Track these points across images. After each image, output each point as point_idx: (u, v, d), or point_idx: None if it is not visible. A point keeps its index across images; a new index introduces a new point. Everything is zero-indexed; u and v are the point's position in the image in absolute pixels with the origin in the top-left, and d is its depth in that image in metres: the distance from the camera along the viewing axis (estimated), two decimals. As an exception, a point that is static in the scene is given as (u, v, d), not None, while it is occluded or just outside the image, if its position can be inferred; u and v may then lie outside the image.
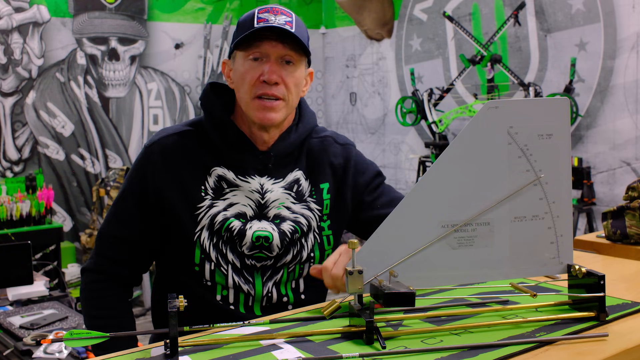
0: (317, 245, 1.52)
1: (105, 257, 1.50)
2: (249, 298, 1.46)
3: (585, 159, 4.18)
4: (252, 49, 1.41)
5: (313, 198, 1.52)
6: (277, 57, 1.41)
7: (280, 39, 1.40)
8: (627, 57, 3.98)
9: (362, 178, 1.58)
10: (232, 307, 1.45)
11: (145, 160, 1.47)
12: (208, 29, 5.68)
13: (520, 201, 1.16)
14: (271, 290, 1.47)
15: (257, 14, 1.41)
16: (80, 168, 5.11)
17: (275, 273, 1.48)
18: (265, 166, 1.48)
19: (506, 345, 1.04)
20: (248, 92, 1.43)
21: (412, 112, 4.92)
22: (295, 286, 1.51)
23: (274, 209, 1.47)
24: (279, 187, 1.48)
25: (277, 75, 1.41)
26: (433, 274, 1.15)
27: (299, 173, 1.52)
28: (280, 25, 1.39)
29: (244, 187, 1.46)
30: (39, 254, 4.39)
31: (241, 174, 1.47)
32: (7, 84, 4.76)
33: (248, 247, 1.44)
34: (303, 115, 1.55)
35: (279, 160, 1.49)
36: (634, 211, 1.81)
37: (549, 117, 1.16)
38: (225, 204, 1.45)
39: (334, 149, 1.57)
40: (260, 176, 1.48)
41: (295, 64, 1.44)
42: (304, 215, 1.49)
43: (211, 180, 1.46)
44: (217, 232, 1.43)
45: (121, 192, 1.51)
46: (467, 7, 4.92)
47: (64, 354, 2.31)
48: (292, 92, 1.44)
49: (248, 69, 1.42)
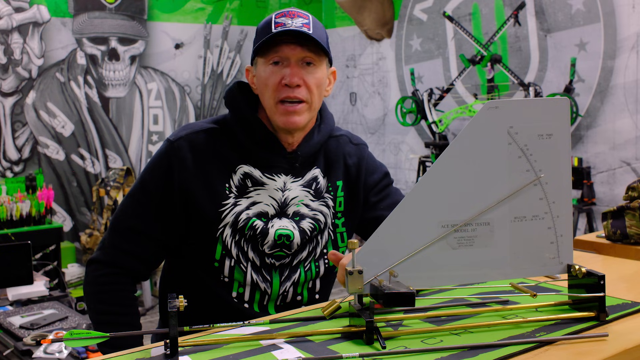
0: (330, 242, 1.54)
1: (118, 249, 1.47)
2: (264, 296, 1.48)
3: (585, 159, 4.18)
4: (272, 53, 1.43)
5: (330, 194, 1.55)
6: (297, 59, 1.43)
7: (298, 42, 1.42)
8: (627, 57, 3.98)
9: (372, 178, 1.60)
10: (247, 305, 1.47)
11: (172, 155, 1.46)
12: (208, 29, 5.68)
13: (520, 201, 1.16)
14: (288, 290, 1.49)
15: (274, 19, 1.43)
16: (80, 168, 5.11)
17: (292, 272, 1.50)
18: (292, 165, 1.50)
19: (506, 345, 1.04)
20: (271, 96, 1.44)
21: (412, 112, 4.92)
22: (312, 286, 1.53)
23: (293, 206, 1.49)
24: (298, 185, 1.50)
25: (299, 78, 1.42)
26: (433, 274, 1.15)
27: (317, 171, 1.54)
28: (297, 28, 1.40)
29: (269, 185, 1.48)
30: (39, 254, 4.39)
31: (268, 172, 1.48)
32: (7, 84, 4.76)
33: (270, 246, 1.46)
34: (324, 117, 1.58)
35: (303, 161, 1.52)
36: (634, 211, 1.80)
37: (549, 117, 1.16)
38: (248, 203, 1.46)
39: (349, 149, 1.60)
40: (286, 175, 1.50)
41: (316, 65, 1.45)
42: (322, 212, 1.52)
43: (236, 178, 1.47)
44: (240, 230, 1.45)
45: (140, 184, 1.48)
46: (467, 7, 4.92)
47: (64, 354, 2.31)
48: (315, 93, 1.46)
49: (269, 74, 1.44)
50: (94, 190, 4.82)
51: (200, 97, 5.67)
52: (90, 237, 4.64)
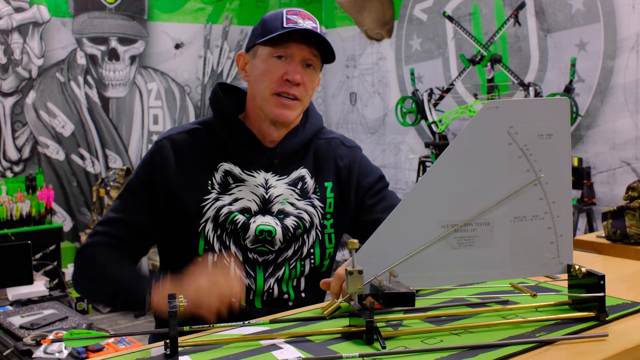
0: (318, 242, 1.54)
1: (107, 235, 1.50)
2: (249, 291, 1.48)
3: (585, 159, 4.18)
4: (278, 47, 1.46)
5: (317, 195, 1.55)
6: (301, 59, 1.47)
7: (306, 43, 1.46)
8: (627, 57, 3.98)
9: (366, 181, 1.61)
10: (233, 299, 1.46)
11: (156, 154, 1.52)
12: (208, 29, 5.68)
13: (520, 201, 1.16)
14: (272, 287, 1.50)
15: (285, 15, 1.46)
16: (80, 168, 5.11)
17: (277, 269, 1.50)
18: (271, 162, 1.52)
19: (506, 345, 1.04)
20: (268, 87, 1.47)
21: (412, 112, 4.92)
22: (297, 284, 1.53)
23: (277, 204, 1.50)
24: (283, 184, 1.52)
25: (300, 76, 1.46)
26: (433, 274, 1.15)
27: (304, 171, 1.55)
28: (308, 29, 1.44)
29: (249, 181, 1.50)
30: (39, 254, 4.39)
31: (247, 169, 1.51)
32: (7, 84, 4.76)
33: (251, 241, 1.47)
34: (310, 117, 1.60)
35: (284, 158, 1.54)
36: (634, 211, 1.80)
37: (549, 117, 1.16)
38: (230, 199, 1.49)
39: (341, 151, 1.62)
40: (266, 172, 1.52)
41: (315, 68, 1.51)
42: (307, 212, 1.53)
43: (218, 175, 1.50)
44: (221, 224, 1.47)
45: (130, 182, 1.54)
46: (467, 7, 4.92)
47: (64, 354, 2.31)
48: (308, 94, 1.51)
49: (271, 66, 1.47)
50: (94, 190, 4.83)
51: (200, 97, 5.67)
52: (90, 237, 4.64)
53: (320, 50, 1.49)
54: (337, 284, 1.24)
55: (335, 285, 1.24)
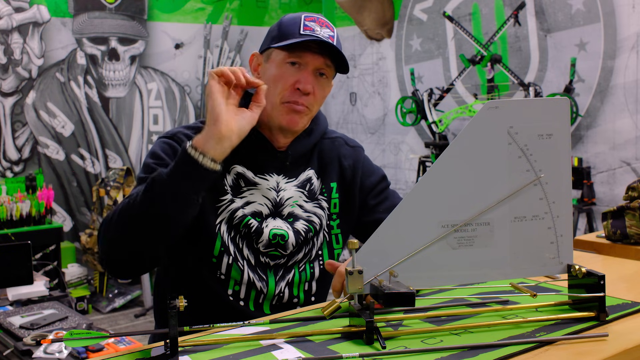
0: (325, 243, 1.55)
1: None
2: (260, 295, 1.48)
3: (585, 159, 4.18)
4: (293, 54, 1.43)
5: (324, 196, 1.55)
6: (315, 68, 1.45)
7: (321, 52, 1.44)
8: (627, 57, 3.98)
9: (369, 180, 1.61)
10: (242, 303, 1.47)
11: (173, 142, 1.45)
12: (208, 29, 5.68)
13: (520, 201, 1.16)
14: (283, 290, 1.49)
15: (304, 21, 1.44)
16: (80, 168, 5.11)
17: (287, 272, 1.50)
18: (283, 164, 1.51)
19: (506, 345, 1.04)
20: (279, 95, 1.44)
21: (412, 112, 4.92)
22: (308, 288, 1.53)
23: (288, 207, 1.50)
24: (292, 186, 1.51)
25: (312, 86, 1.44)
26: (433, 274, 1.15)
27: (310, 172, 1.55)
28: (325, 38, 1.42)
29: (262, 184, 1.48)
30: (39, 254, 4.39)
31: (259, 172, 1.49)
32: (7, 84, 4.76)
33: (264, 245, 1.47)
34: (317, 119, 1.59)
35: (294, 160, 1.53)
36: (634, 211, 1.80)
37: (549, 117, 1.16)
38: (242, 202, 1.47)
39: (345, 151, 1.61)
40: (278, 175, 1.51)
41: (328, 78, 1.49)
42: (316, 214, 1.53)
43: (230, 177, 1.48)
44: (235, 226, 1.46)
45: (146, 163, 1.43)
46: (467, 7, 4.92)
47: (64, 354, 2.31)
48: (318, 103, 1.49)
49: (284, 72, 1.44)
50: (94, 190, 4.82)
51: (201, 97, 5.67)
52: (90, 237, 4.64)
53: (334, 61, 1.47)
54: (339, 281, 1.24)
55: (337, 283, 1.24)
